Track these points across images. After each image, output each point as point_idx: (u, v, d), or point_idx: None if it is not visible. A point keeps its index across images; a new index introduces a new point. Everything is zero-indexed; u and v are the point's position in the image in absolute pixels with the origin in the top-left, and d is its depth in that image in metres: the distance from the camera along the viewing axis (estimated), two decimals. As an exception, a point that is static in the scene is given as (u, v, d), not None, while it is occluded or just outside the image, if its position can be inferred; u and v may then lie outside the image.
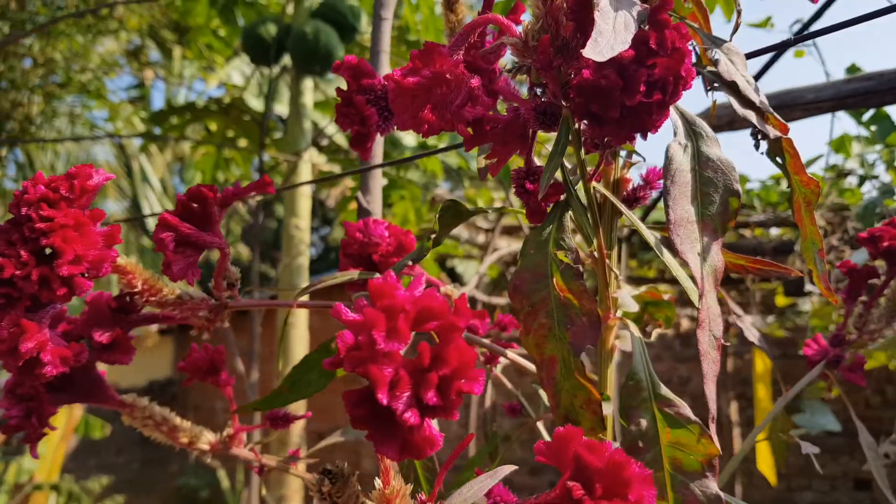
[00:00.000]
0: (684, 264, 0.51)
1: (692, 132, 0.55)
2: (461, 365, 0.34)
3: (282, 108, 3.77)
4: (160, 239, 0.56)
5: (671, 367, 5.12)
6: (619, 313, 0.68)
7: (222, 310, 0.64)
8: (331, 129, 3.38)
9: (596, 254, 0.63)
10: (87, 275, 0.51)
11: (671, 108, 0.55)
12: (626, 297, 0.67)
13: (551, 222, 0.59)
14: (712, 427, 0.50)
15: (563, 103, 0.53)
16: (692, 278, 0.51)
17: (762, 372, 3.09)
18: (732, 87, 0.59)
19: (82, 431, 4.60)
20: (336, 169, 3.58)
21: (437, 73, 0.49)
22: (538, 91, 0.56)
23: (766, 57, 1.44)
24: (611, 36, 0.45)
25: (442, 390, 0.34)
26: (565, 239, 0.58)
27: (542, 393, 0.81)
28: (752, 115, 0.58)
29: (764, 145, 0.62)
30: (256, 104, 3.66)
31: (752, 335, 0.85)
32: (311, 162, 3.05)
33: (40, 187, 0.51)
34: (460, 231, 3.77)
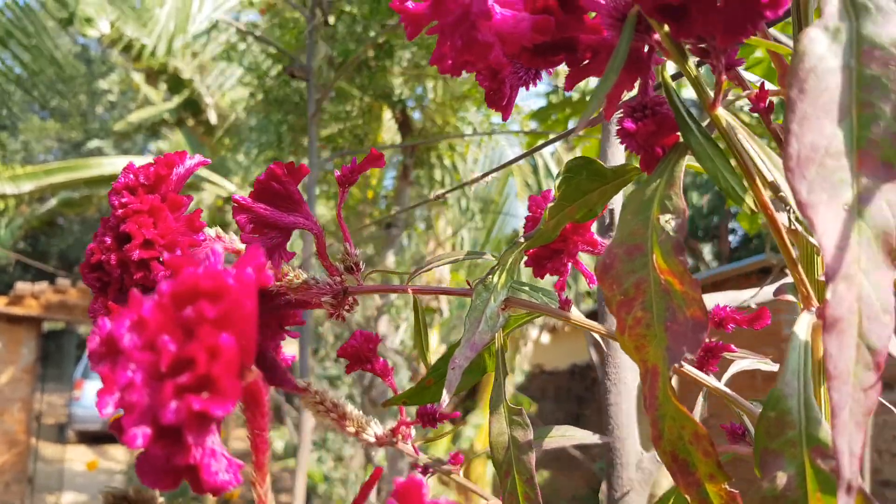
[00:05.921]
0: (810, 224, 0.30)
1: (852, 6, 0.32)
2: (208, 373, 0.24)
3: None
4: (237, 221, 0.54)
5: None
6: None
7: (343, 295, 0.60)
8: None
9: (761, 216, 0.42)
10: (162, 259, 0.52)
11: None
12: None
13: (660, 175, 0.41)
14: (844, 498, 0.28)
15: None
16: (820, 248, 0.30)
17: None
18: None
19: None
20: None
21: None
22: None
23: None
24: None
25: (178, 406, 0.24)
26: (672, 197, 0.40)
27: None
28: None
29: None
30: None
31: None
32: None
33: (129, 176, 0.53)
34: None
